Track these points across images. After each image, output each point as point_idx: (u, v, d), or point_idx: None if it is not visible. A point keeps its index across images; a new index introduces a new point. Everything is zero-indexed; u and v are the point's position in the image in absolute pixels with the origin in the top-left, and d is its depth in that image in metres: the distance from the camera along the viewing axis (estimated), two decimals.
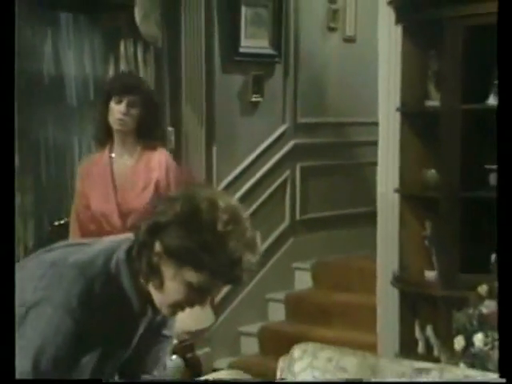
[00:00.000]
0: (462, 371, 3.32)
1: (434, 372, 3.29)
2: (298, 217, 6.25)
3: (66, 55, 4.92)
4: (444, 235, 4.61)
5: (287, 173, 6.20)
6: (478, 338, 3.73)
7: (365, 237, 6.55)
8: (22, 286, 2.24)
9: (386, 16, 4.93)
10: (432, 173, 4.70)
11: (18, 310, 2.21)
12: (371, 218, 6.75)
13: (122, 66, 5.00)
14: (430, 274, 4.71)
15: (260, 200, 5.94)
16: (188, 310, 2.26)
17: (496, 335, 3.58)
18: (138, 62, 5.05)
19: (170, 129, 5.34)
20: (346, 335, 5.54)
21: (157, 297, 2.23)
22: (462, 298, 4.35)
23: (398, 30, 4.83)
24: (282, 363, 3.53)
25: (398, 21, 4.80)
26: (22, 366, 2.17)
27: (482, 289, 3.81)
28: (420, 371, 3.31)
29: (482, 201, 4.55)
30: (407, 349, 4.76)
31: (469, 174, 4.53)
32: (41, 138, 4.72)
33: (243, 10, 5.77)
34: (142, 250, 2.21)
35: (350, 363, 3.41)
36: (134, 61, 5.03)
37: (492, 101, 4.48)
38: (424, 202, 4.78)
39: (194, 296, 2.19)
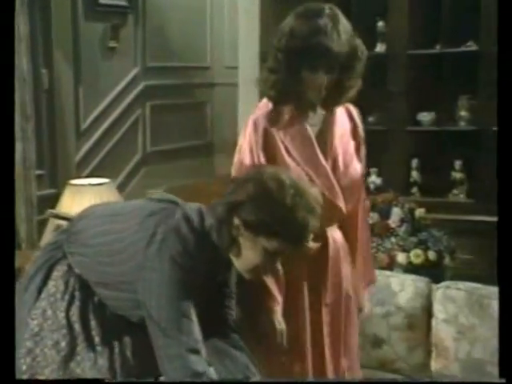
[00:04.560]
0: None
1: None
2: (148, 149, 6.20)
3: None
4: None
5: (139, 111, 6.13)
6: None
7: (206, 165, 6.65)
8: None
9: None
10: None
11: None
12: (208, 148, 6.87)
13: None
14: None
15: (119, 135, 5.86)
16: None
17: (380, 241, 3.76)
18: (15, 10, 4.74)
19: (43, 71, 5.12)
20: None
21: (237, 263, 2.25)
22: None
23: None
24: None
25: None
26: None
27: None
28: None
29: None
30: None
31: None
32: None
33: None
34: (222, 226, 2.21)
35: None
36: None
37: None
38: None
39: (269, 259, 2.22)
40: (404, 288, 3.34)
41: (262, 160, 2.50)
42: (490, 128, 4.18)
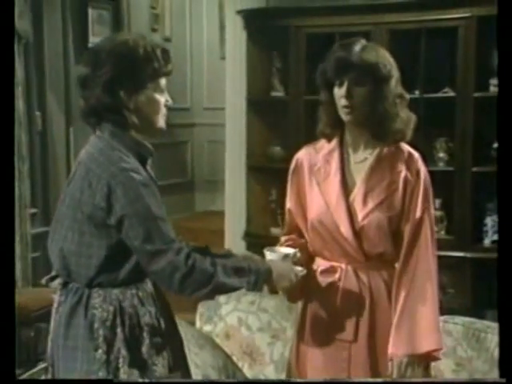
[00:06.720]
0: None
1: None
2: None
3: None
4: None
5: None
6: None
7: (185, 202, 6.66)
8: None
9: (233, 22, 4.97)
10: (277, 149, 4.88)
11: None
12: (188, 186, 6.88)
13: None
14: (276, 231, 4.75)
15: None
16: None
17: None
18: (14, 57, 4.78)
19: (37, 113, 5.15)
20: None
21: (152, 124, 2.40)
22: None
23: (243, 34, 4.90)
24: (201, 308, 3.50)
25: (245, 27, 4.89)
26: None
27: None
28: None
29: None
30: None
31: None
32: None
33: (90, 11, 5.61)
34: (118, 111, 2.29)
35: (269, 304, 3.42)
36: None
37: None
38: (269, 173, 4.93)
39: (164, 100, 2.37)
40: None
41: (289, 183, 2.65)
42: (467, 168, 4.33)
